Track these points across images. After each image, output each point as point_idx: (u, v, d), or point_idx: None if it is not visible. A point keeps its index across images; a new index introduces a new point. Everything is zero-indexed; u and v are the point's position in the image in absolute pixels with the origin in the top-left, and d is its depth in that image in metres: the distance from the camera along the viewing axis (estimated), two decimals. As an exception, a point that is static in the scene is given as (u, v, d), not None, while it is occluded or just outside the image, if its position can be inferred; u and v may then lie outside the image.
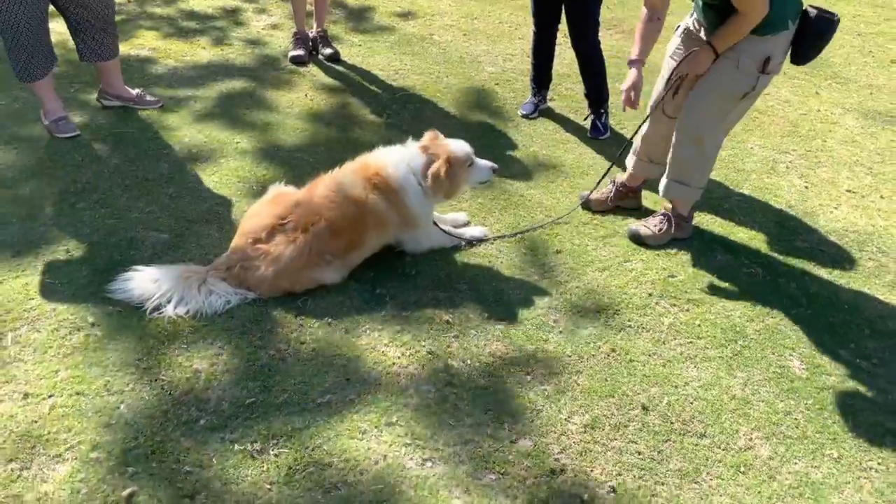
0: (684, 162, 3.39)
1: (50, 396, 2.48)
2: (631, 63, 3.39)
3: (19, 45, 3.72)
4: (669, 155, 3.43)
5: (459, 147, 3.25)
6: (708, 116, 3.25)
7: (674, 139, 3.39)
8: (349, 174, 3.16)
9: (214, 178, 3.81)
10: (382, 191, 3.12)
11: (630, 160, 3.76)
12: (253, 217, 3.11)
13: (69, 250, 3.19)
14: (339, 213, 3.04)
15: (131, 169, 3.83)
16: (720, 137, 3.37)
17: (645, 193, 3.90)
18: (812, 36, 3.07)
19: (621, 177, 3.83)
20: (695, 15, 3.31)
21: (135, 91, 4.42)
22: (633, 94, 3.36)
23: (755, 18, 2.96)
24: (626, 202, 3.81)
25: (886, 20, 7.12)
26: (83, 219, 3.40)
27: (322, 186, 3.13)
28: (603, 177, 3.79)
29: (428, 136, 3.33)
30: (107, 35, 4.07)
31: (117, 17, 4.21)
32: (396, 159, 3.19)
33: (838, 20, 3.07)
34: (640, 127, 3.62)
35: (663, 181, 3.51)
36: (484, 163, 3.31)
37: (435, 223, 3.37)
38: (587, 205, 3.79)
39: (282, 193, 3.23)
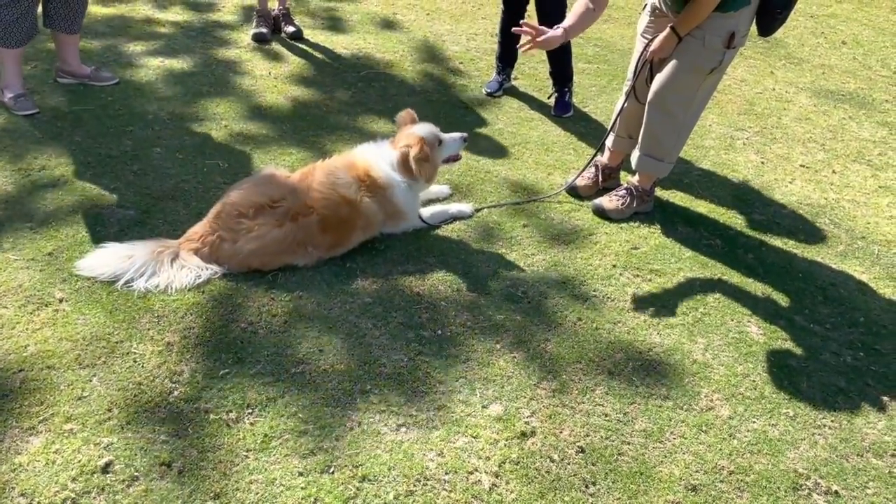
0: (656, 137, 3.47)
1: (20, 371, 2.46)
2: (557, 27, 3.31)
3: (20, 8, 3.68)
4: (642, 129, 3.50)
5: (425, 129, 3.29)
6: (677, 92, 3.33)
7: (645, 115, 3.46)
8: (344, 172, 3.15)
9: (179, 156, 3.78)
10: (373, 192, 3.15)
11: (609, 138, 3.81)
12: (241, 191, 3.08)
13: (33, 227, 3.15)
14: (333, 211, 3.05)
15: (94, 146, 3.77)
16: (692, 114, 3.43)
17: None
18: (778, 7, 3.15)
19: (602, 159, 3.88)
20: None
21: (90, 68, 4.35)
22: (530, 32, 3.28)
23: (707, 3, 3.04)
24: (609, 182, 3.87)
25: (838, 2, 7.32)
26: (46, 196, 3.36)
27: (318, 179, 3.11)
28: (587, 165, 3.84)
29: (402, 117, 3.39)
30: (80, 7, 4.03)
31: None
32: (379, 158, 3.22)
33: None
34: (619, 110, 3.67)
35: (635, 154, 3.59)
36: (452, 136, 3.36)
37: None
38: (574, 191, 3.82)
39: (275, 175, 3.20)
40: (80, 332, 2.65)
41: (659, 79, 3.36)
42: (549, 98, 4.73)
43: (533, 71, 5.14)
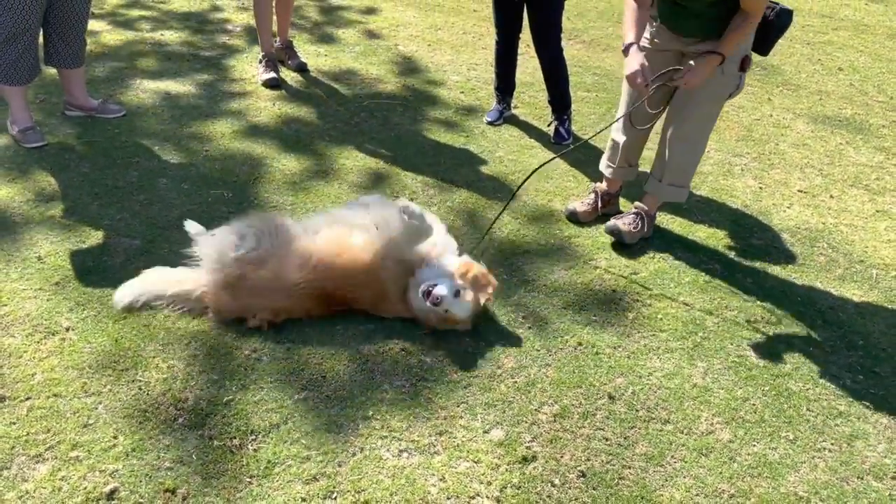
0: (682, 167, 3.53)
1: (27, 399, 2.50)
2: (628, 47, 3.21)
3: (21, 45, 3.77)
4: (664, 160, 3.53)
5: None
6: (703, 122, 3.42)
7: (669, 146, 3.49)
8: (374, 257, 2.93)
9: (185, 186, 3.84)
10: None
11: (607, 168, 3.83)
12: (265, 264, 2.89)
13: (41, 257, 3.20)
14: (357, 296, 2.95)
15: (101, 177, 3.84)
16: (708, 138, 3.56)
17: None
18: (778, 29, 3.25)
19: (601, 186, 3.91)
20: (647, 32, 3.38)
21: (97, 101, 4.43)
22: (642, 76, 3.15)
23: (759, 18, 3.09)
24: (609, 208, 3.90)
25: (834, 30, 7.42)
26: (54, 227, 3.41)
27: (349, 258, 2.91)
28: (595, 198, 3.87)
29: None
30: (79, 42, 4.10)
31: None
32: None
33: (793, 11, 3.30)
34: (620, 144, 3.67)
35: (655, 185, 3.61)
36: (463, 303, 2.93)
37: None
38: (574, 217, 3.86)
39: (301, 248, 2.95)
40: (87, 360, 2.69)
41: (680, 112, 3.40)
42: (548, 126, 4.79)
43: (532, 100, 5.22)
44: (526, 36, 4.59)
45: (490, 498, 2.31)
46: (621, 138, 3.68)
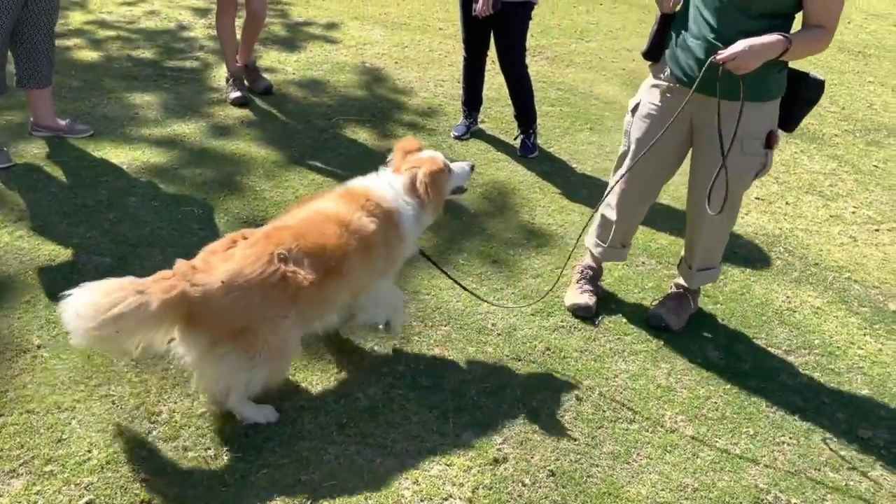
0: (711, 251, 3.23)
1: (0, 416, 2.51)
2: None
3: None
4: (693, 247, 3.21)
5: (437, 154, 2.97)
6: (738, 206, 3.14)
7: (709, 238, 3.16)
8: None
9: (154, 204, 3.86)
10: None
11: (597, 247, 3.37)
12: None
13: (10, 276, 3.20)
14: None
15: (69, 196, 3.85)
16: (736, 218, 3.27)
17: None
18: (807, 102, 2.86)
19: (586, 261, 3.48)
20: (667, 71, 2.91)
21: (64, 121, 4.44)
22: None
23: (833, 33, 2.64)
24: (600, 278, 3.50)
25: (787, 44, 7.68)
26: (23, 246, 3.41)
27: None
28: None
29: (405, 143, 3.01)
30: (45, 62, 4.10)
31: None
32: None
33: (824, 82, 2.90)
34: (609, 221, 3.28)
35: (686, 272, 3.29)
36: (460, 164, 3.02)
37: None
38: (587, 311, 3.28)
39: None
40: (59, 377, 2.70)
41: (728, 201, 2.89)
42: (514, 140, 4.90)
43: (499, 114, 5.33)
44: (492, 52, 4.71)
45: (462, 499, 2.37)
46: (614, 216, 3.23)
